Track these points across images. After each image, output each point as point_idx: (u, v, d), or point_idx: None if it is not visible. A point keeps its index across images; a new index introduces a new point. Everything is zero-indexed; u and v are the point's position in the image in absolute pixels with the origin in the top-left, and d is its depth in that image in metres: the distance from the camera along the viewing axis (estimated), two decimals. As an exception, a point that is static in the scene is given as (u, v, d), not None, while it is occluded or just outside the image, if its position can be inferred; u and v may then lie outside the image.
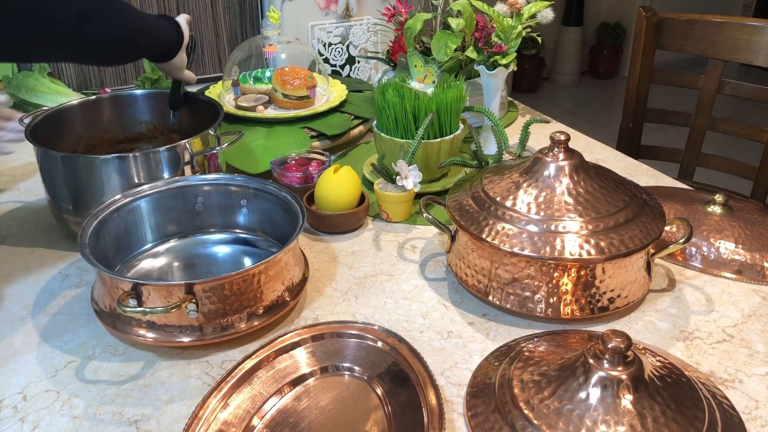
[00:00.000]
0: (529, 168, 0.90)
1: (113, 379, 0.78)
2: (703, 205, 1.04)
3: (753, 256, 0.96)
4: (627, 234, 0.83)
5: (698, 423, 0.65)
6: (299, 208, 0.91)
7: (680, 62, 4.24)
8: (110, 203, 0.93)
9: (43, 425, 0.72)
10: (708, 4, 4.48)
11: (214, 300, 0.79)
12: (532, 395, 0.68)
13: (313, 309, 0.90)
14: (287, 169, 1.15)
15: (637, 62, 1.61)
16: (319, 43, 1.97)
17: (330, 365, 0.77)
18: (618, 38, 4.51)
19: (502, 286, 0.86)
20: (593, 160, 1.30)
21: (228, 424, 0.70)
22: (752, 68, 2.27)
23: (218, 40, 1.99)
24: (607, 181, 0.90)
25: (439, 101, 1.13)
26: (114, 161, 0.98)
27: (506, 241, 0.83)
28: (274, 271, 0.83)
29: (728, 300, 0.91)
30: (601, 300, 0.85)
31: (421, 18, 1.26)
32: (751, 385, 0.77)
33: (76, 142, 1.16)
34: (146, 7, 1.85)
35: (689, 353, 0.82)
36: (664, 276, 0.96)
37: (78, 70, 1.84)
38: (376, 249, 1.03)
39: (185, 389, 0.77)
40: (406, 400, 0.71)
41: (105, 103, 1.19)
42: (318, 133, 1.33)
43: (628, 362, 0.66)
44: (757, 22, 1.45)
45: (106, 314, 0.83)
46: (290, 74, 1.39)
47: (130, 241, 0.97)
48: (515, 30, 1.24)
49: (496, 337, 0.85)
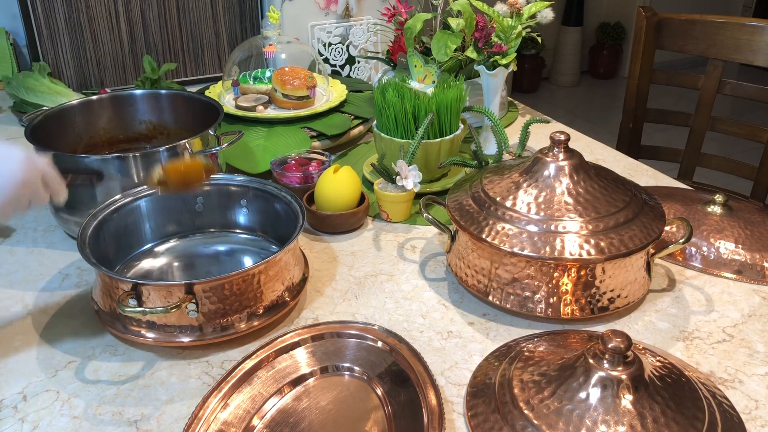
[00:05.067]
0: (529, 168, 0.90)
1: (113, 379, 0.78)
2: (703, 205, 1.04)
3: (753, 256, 0.96)
4: (627, 234, 0.83)
5: (698, 423, 0.65)
6: (299, 208, 0.91)
7: (680, 62, 4.24)
8: (110, 203, 0.93)
9: (43, 425, 0.72)
10: (708, 4, 4.48)
11: (214, 300, 0.79)
12: (532, 395, 0.68)
13: (313, 309, 0.90)
14: (287, 169, 1.15)
15: (637, 62, 1.61)
16: (319, 43, 1.97)
17: (330, 365, 0.77)
18: (618, 38, 4.51)
19: (502, 286, 0.86)
20: (593, 160, 1.30)
21: (228, 424, 0.70)
22: (752, 68, 2.27)
23: (218, 40, 1.99)
24: (607, 181, 0.90)
25: (439, 101, 1.13)
26: (114, 161, 0.98)
27: (506, 241, 0.83)
28: (274, 271, 0.83)
29: (728, 300, 0.91)
30: (601, 300, 0.85)
31: (421, 18, 1.26)
32: (751, 385, 0.77)
33: (76, 142, 1.16)
34: (146, 8, 1.85)
35: (689, 353, 0.82)
36: (664, 276, 0.96)
37: (78, 70, 1.84)
38: (376, 249, 1.03)
39: (185, 389, 0.76)
40: (406, 400, 0.71)
41: (105, 103, 1.19)
42: (318, 133, 1.33)
43: (628, 362, 0.66)
44: (757, 22, 1.45)
45: (106, 314, 0.83)
46: (290, 74, 1.39)
47: (130, 241, 0.97)
48: (515, 30, 1.24)
49: (496, 337, 0.84)
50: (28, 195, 0.75)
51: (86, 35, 1.81)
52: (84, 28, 1.80)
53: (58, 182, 0.78)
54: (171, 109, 1.22)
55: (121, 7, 1.82)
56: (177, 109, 1.22)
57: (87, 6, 1.78)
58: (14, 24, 1.78)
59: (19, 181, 0.73)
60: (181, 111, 1.21)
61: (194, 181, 0.90)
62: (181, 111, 1.21)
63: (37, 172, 0.75)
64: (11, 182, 0.73)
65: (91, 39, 1.82)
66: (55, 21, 1.76)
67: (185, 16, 1.92)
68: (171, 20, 1.90)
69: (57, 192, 0.79)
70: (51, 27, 1.76)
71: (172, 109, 1.22)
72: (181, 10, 1.91)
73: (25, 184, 0.74)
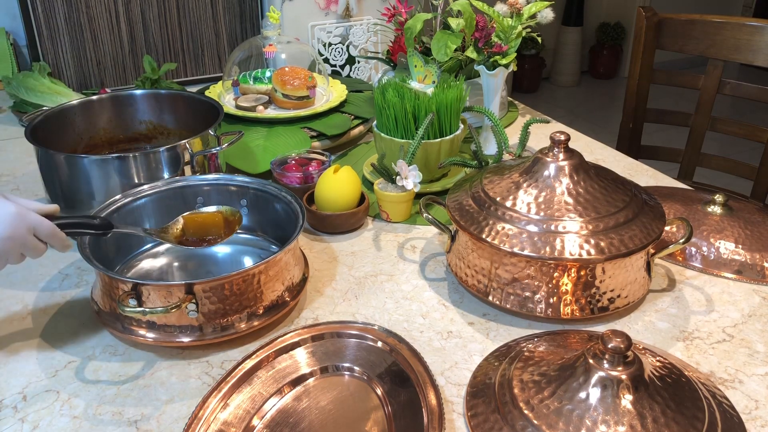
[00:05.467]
0: (529, 168, 0.90)
1: (113, 379, 0.78)
2: (703, 205, 1.04)
3: (753, 256, 0.96)
4: (627, 234, 0.83)
5: (698, 423, 0.65)
6: (299, 208, 0.91)
7: (680, 62, 4.24)
8: (110, 203, 0.93)
9: (43, 425, 0.72)
10: (708, 4, 4.48)
11: (214, 300, 0.79)
12: (532, 395, 0.68)
13: (313, 309, 0.90)
14: (287, 169, 1.15)
15: (637, 62, 1.61)
16: (319, 43, 1.97)
17: (330, 365, 0.77)
18: (618, 38, 4.51)
19: (502, 286, 0.86)
20: (593, 160, 1.30)
21: (228, 424, 0.70)
22: (752, 68, 2.27)
23: (218, 40, 1.99)
24: (607, 181, 0.90)
25: (439, 101, 1.13)
26: (114, 161, 0.98)
27: (506, 241, 0.83)
28: (274, 271, 0.83)
29: (728, 300, 0.91)
30: (601, 300, 0.85)
31: (421, 18, 1.26)
32: (751, 385, 0.77)
33: (76, 142, 1.16)
34: (146, 8, 1.85)
35: (689, 353, 0.82)
36: (664, 276, 0.96)
37: (78, 70, 1.84)
38: (376, 249, 1.03)
39: (185, 389, 0.76)
40: (406, 400, 0.71)
41: (105, 103, 1.19)
42: (318, 133, 1.33)
43: (628, 362, 0.66)
44: (757, 22, 1.45)
45: (106, 314, 0.83)
46: (290, 74, 1.39)
47: (130, 241, 0.97)
48: (515, 30, 1.24)
49: (496, 337, 0.84)
50: (17, 249, 0.77)
51: (86, 35, 1.81)
52: (84, 28, 1.80)
53: (55, 236, 0.79)
54: (171, 109, 1.22)
55: (121, 7, 1.82)
56: (177, 109, 1.22)
57: (87, 6, 1.78)
58: (14, 24, 1.78)
59: (6, 236, 0.75)
60: (181, 111, 1.21)
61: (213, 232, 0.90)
62: (181, 111, 1.21)
63: (28, 226, 0.77)
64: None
65: (91, 39, 1.82)
66: (55, 21, 1.76)
67: (185, 16, 1.92)
68: (171, 20, 1.90)
69: (55, 246, 0.80)
70: (51, 27, 1.76)
71: (172, 109, 1.22)
72: (181, 10, 1.91)
73: (12, 239, 0.75)
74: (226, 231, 0.90)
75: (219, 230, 0.90)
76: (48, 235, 0.78)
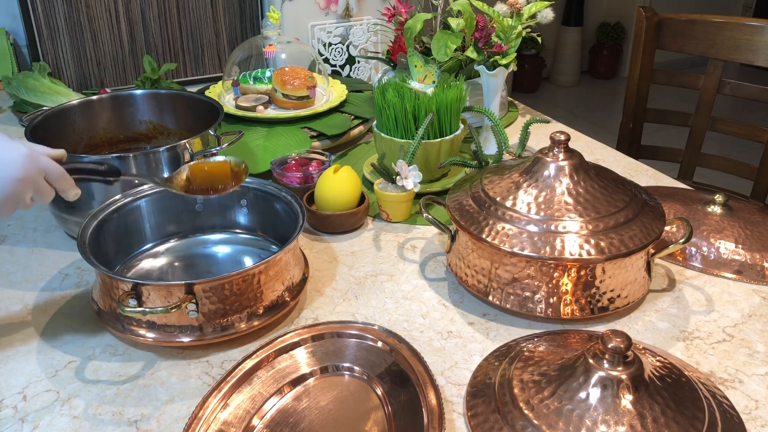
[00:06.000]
0: (529, 168, 0.90)
1: (113, 379, 0.78)
2: (703, 205, 1.04)
3: (753, 256, 0.96)
4: (627, 234, 0.83)
5: (698, 423, 0.65)
6: (299, 208, 0.91)
7: (680, 62, 4.24)
8: (110, 203, 0.93)
9: (43, 425, 0.72)
10: (708, 4, 4.48)
11: (214, 300, 0.79)
12: (532, 395, 0.68)
13: (313, 309, 0.90)
14: (287, 169, 1.15)
15: (637, 62, 1.61)
16: (319, 43, 1.97)
17: (330, 365, 0.77)
18: (618, 38, 4.51)
19: (502, 286, 0.86)
20: (593, 160, 1.30)
21: (228, 424, 0.70)
22: (752, 68, 2.27)
23: (218, 40, 1.99)
24: (607, 181, 0.90)
25: (439, 101, 1.13)
26: (114, 161, 0.98)
27: (506, 241, 0.83)
28: (274, 271, 0.83)
29: (728, 300, 0.91)
30: (601, 300, 0.85)
31: (421, 18, 1.26)
32: (751, 385, 0.77)
33: (77, 142, 1.16)
34: (146, 8, 1.85)
35: (689, 353, 0.82)
36: (664, 276, 0.96)
37: (78, 70, 1.84)
38: (376, 249, 1.03)
39: (185, 389, 0.76)
40: (406, 400, 0.71)
41: (105, 103, 1.19)
42: (318, 133, 1.33)
43: (628, 362, 0.66)
44: (757, 22, 1.45)
45: (106, 314, 0.83)
46: (290, 74, 1.39)
47: (130, 241, 0.97)
48: (515, 30, 1.24)
49: (496, 337, 0.84)
50: (28, 191, 0.76)
51: (86, 35, 1.81)
52: (84, 28, 1.80)
53: (65, 179, 0.79)
54: (171, 109, 1.22)
55: (121, 7, 1.82)
56: (177, 109, 1.22)
57: (87, 6, 1.78)
58: (14, 24, 1.78)
59: (18, 178, 0.74)
60: (181, 111, 1.21)
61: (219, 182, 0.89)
62: (181, 111, 1.21)
63: (39, 168, 0.76)
64: (10, 178, 0.74)
65: (91, 39, 1.82)
66: (55, 21, 1.76)
67: (185, 16, 1.92)
68: (171, 20, 1.90)
69: (64, 189, 0.79)
70: (51, 27, 1.76)
71: (172, 109, 1.22)
72: (181, 10, 1.91)
73: (23, 181, 0.75)
74: (235, 181, 0.89)
75: (227, 180, 0.89)
76: (58, 178, 0.78)
